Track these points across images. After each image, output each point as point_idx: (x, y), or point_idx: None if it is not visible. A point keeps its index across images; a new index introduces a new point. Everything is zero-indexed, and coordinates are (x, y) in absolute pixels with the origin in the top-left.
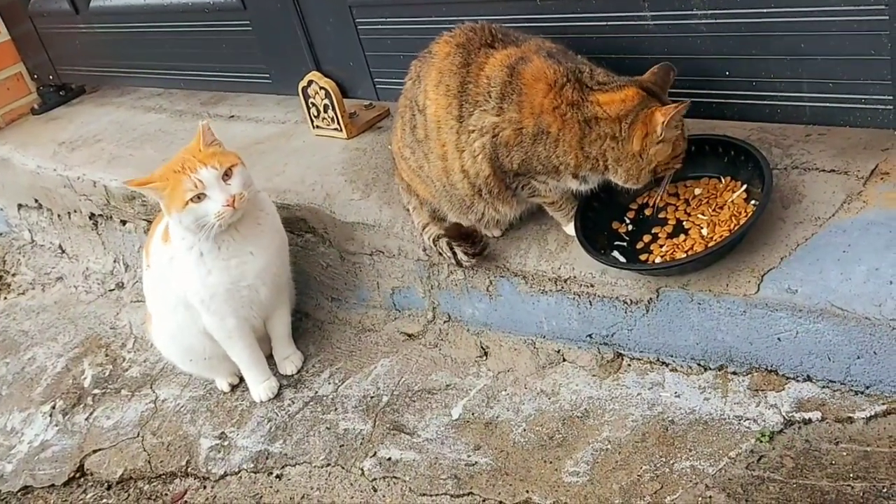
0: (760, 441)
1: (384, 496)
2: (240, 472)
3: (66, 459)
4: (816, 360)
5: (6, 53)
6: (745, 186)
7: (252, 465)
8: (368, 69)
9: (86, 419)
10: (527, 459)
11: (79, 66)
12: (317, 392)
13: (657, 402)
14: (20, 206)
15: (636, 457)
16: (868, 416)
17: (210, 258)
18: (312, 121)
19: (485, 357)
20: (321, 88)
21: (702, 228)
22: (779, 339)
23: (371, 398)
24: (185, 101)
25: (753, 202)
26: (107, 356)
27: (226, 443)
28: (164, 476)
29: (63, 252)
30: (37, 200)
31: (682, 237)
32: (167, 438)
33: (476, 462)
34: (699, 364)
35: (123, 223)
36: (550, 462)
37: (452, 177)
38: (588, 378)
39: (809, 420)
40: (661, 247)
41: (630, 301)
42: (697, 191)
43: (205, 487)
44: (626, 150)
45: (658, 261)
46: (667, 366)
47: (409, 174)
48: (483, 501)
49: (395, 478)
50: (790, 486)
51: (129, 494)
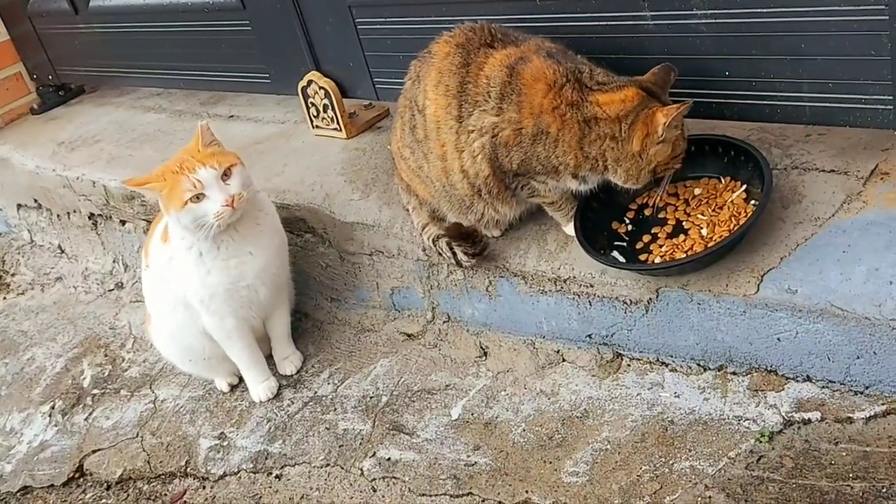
0: (760, 441)
1: (384, 496)
2: (239, 473)
3: (66, 460)
4: (816, 361)
5: (5, 53)
6: (745, 186)
7: (251, 466)
8: (368, 69)
9: (85, 419)
10: (526, 459)
11: (78, 66)
12: (316, 392)
13: (657, 403)
14: (19, 206)
15: (636, 457)
16: (867, 417)
17: (209, 258)
18: (312, 121)
19: (484, 357)
20: (321, 88)
21: (701, 228)
22: (778, 340)
23: (370, 398)
24: (185, 101)
25: (753, 202)
26: (106, 356)
27: (225, 443)
28: (164, 476)
29: (62, 252)
30: (36, 200)
31: (682, 237)
32: (166, 438)
33: (475, 462)
34: (699, 364)
35: (123, 223)
36: (550, 462)
37: (452, 177)
38: (587, 378)
39: (809, 420)
40: (661, 247)
41: (630, 301)
42: (697, 191)
43: (204, 487)
44: (626, 151)
45: (658, 261)
46: (666, 366)
47: (409, 174)
48: (482, 501)
49: (395, 478)
50: (790, 487)
51: (129, 494)
